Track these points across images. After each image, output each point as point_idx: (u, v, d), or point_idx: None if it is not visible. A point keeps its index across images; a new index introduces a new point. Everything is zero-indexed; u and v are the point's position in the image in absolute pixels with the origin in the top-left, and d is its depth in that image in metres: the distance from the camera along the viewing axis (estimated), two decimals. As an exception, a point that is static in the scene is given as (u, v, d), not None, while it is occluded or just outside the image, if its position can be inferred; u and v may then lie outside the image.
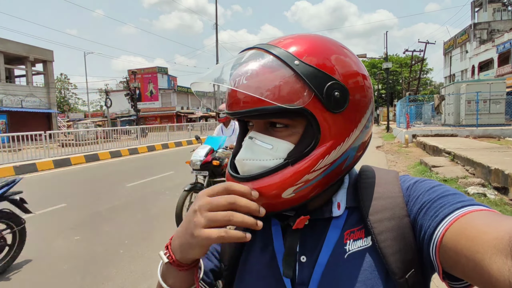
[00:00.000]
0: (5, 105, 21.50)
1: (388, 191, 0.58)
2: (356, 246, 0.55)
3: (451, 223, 0.46)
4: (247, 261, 0.62)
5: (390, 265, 0.52)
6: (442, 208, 0.49)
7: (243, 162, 0.55)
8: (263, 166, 0.54)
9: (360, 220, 0.57)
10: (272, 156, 0.54)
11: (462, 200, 0.49)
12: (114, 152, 13.45)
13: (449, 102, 16.38)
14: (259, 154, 0.54)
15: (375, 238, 0.54)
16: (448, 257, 0.45)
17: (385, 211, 0.55)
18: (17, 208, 3.40)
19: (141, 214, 5.02)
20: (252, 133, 0.56)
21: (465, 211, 0.47)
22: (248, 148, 0.55)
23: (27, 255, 3.58)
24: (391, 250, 0.52)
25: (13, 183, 3.35)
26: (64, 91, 52.54)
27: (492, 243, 0.39)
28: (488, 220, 0.43)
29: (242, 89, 0.52)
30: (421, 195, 0.54)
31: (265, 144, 0.54)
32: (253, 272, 0.60)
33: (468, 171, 6.57)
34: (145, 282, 2.94)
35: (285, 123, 0.54)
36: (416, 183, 0.58)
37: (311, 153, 0.52)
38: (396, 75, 43.81)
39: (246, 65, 0.53)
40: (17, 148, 11.00)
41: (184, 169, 9.34)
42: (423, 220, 0.51)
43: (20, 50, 22.91)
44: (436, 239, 0.47)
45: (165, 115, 41.19)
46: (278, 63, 0.52)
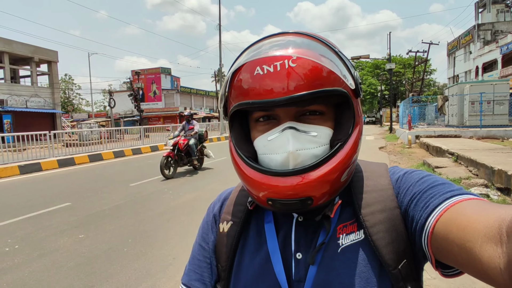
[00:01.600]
0: (10, 105, 21.66)
1: (378, 184, 0.59)
2: (349, 240, 0.55)
3: (441, 213, 0.47)
4: (242, 262, 0.62)
5: (383, 256, 0.52)
6: (433, 199, 0.50)
7: (297, 153, 0.52)
8: (315, 154, 0.53)
9: (352, 214, 0.58)
10: (318, 144, 0.53)
11: (451, 190, 0.50)
12: (117, 152, 13.52)
13: (452, 103, 16.30)
14: (306, 143, 0.53)
15: (368, 231, 0.54)
16: (440, 246, 0.46)
17: (376, 204, 0.56)
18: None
19: (145, 213, 5.06)
20: (291, 123, 0.53)
21: (455, 201, 0.47)
22: (296, 138, 0.52)
23: (33, 252, 3.62)
24: (384, 242, 0.53)
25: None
26: (68, 91, 52.85)
27: (482, 232, 0.40)
28: (478, 209, 0.44)
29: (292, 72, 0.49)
30: (411, 186, 0.55)
31: (309, 133, 0.53)
32: (249, 272, 0.60)
33: (471, 172, 6.55)
34: (149, 279, 2.97)
35: (321, 109, 0.54)
36: (406, 174, 0.59)
37: (352, 133, 0.54)
38: (399, 76, 43.65)
39: (288, 48, 0.50)
40: (22, 148, 11.09)
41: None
42: (414, 211, 0.52)
43: (25, 51, 23.09)
44: (427, 230, 0.48)
45: (168, 116, 41.30)
46: (324, 49, 0.52)
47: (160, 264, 3.28)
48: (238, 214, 0.64)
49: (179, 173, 8.53)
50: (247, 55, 0.54)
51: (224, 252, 0.63)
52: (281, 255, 0.58)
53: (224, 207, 0.68)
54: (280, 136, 0.53)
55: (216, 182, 7.14)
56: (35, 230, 4.35)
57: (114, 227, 4.42)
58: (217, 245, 0.65)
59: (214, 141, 20.76)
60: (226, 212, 0.67)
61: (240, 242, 0.63)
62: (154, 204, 5.59)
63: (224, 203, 0.70)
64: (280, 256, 0.57)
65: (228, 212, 0.66)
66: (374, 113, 52.76)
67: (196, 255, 0.68)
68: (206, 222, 0.71)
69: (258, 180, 0.53)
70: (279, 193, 0.52)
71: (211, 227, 0.68)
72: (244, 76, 0.53)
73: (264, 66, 0.50)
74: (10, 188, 7.63)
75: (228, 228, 0.64)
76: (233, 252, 0.62)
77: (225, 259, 0.63)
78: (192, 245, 0.71)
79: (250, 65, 0.52)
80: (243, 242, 0.63)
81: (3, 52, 21.73)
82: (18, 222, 4.76)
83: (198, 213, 4.83)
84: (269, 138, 0.54)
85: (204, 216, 0.72)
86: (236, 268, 0.62)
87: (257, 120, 0.57)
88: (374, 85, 46.13)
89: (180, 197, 5.98)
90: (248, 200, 0.64)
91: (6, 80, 22.67)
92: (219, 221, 0.67)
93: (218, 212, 0.69)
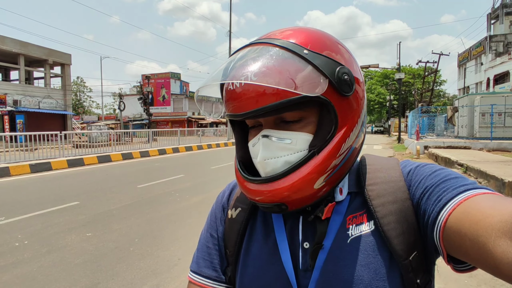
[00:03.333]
0: (23, 106, 22.15)
1: (389, 176, 0.59)
2: (358, 231, 0.55)
3: (454, 207, 0.46)
4: (249, 249, 0.63)
5: (394, 247, 0.52)
6: (445, 192, 0.49)
7: (266, 162, 0.53)
8: (287, 161, 0.53)
9: (362, 205, 0.58)
10: (292, 150, 0.53)
11: (464, 184, 0.49)
12: (126, 154, 13.67)
13: (462, 114, 16.13)
14: (279, 151, 0.53)
15: (379, 222, 0.54)
16: (452, 241, 0.45)
17: (388, 195, 0.56)
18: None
19: (151, 214, 5.10)
20: (266, 131, 0.54)
21: (469, 195, 0.46)
22: (266, 146, 0.53)
23: (42, 248, 3.69)
24: (395, 233, 0.53)
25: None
26: (80, 94, 53.79)
27: (496, 226, 0.39)
28: (492, 203, 0.43)
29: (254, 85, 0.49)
30: (423, 179, 0.54)
31: (283, 140, 0.53)
32: (256, 260, 0.61)
33: (481, 183, 6.46)
34: (154, 279, 2.99)
35: (297, 116, 0.53)
36: (418, 167, 0.58)
37: (333, 138, 0.53)
38: (408, 86, 43.37)
39: (251, 61, 0.50)
40: (33, 147, 11.31)
41: (194, 173, 9.45)
42: (427, 205, 0.51)
43: (40, 53, 23.66)
44: (439, 223, 0.47)
45: (176, 120, 41.67)
46: (288, 54, 0.50)
47: (166, 264, 3.31)
48: (246, 201, 0.65)
49: (186, 176, 8.58)
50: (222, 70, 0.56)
51: (232, 237, 0.65)
52: (289, 245, 0.58)
53: (233, 195, 0.71)
54: (257, 144, 0.55)
55: (222, 186, 7.09)
56: (44, 227, 4.43)
57: (121, 226, 4.47)
58: (226, 232, 0.67)
59: (221, 146, 20.85)
60: (235, 199, 0.69)
61: (247, 229, 0.64)
62: (161, 205, 5.63)
63: (233, 191, 0.72)
64: (288, 245, 0.58)
65: (237, 199, 0.68)
66: (382, 122, 52.41)
67: (206, 242, 0.69)
68: (214, 210, 0.72)
69: (240, 183, 0.59)
70: (256, 198, 0.55)
71: (220, 215, 0.70)
72: (224, 89, 0.55)
73: (235, 80, 0.51)
74: (21, 185, 7.77)
75: (236, 214, 0.66)
76: (240, 238, 0.64)
77: (233, 244, 0.64)
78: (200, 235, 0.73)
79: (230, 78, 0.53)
80: (250, 229, 0.64)
81: (18, 54, 22.30)
82: (28, 218, 4.84)
83: (204, 216, 4.83)
84: (250, 144, 0.58)
85: (213, 205, 0.74)
86: (243, 254, 0.63)
87: (250, 127, 0.59)
88: (383, 94, 45.92)
89: (187, 200, 6.02)
90: None
91: (20, 81, 23.21)
92: (228, 208, 0.69)
93: (227, 200, 0.71)
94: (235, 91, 0.51)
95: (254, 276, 0.60)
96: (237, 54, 0.54)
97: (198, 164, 12.04)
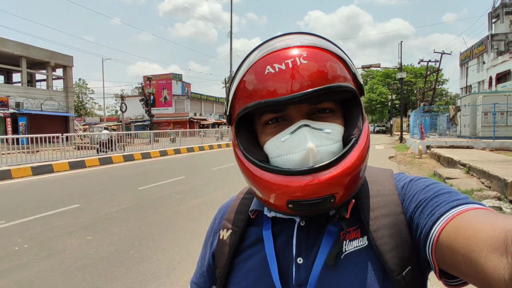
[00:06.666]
0: (25, 108, 22.24)
1: (382, 189, 0.58)
2: (352, 246, 0.55)
3: (446, 222, 0.46)
4: (240, 269, 0.62)
5: (387, 262, 0.51)
6: (438, 207, 0.49)
7: (317, 149, 0.51)
8: (331, 151, 0.52)
9: (356, 220, 0.56)
10: (332, 140, 0.53)
11: (457, 199, 0.49)
12: (127, 155, 13.69)
13: (465, 113, 16.05)
14: (324, 139, 0.52)
15: (371, 236, 0.53)
16: (445, 256, 0.45)
17: (380, 209, 0.55)
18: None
19: (151, 217, 5.09)
20: (304, 121, 0.53)
21: (461, 210, 0.47)
22: (313, 134, 0.52)
23: (41, 252, 3.68)
24: (388, 247, 0.52)
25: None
26: (82, 95, 53.99)
27: (487, 242, 0.39)
28: (484, 218, 0.43)
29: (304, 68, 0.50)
30: (416, 194, 0.54)
31: (323, 130, 0.53)
32: (247, 279, 0.60)
33: (483, 183, 6.40)
34: (154, 283, 2.97)
35: (331, 107, 0.55)
36: (411, 181, 0.58)
37: (363, 131, 0.55)
38: (410, 86, 43.29)
39: (298, 46, 0.51)
40: (35, 150, 11.34)
41: (195, 175, 9.44)
42: (419, 219, 0.51)
43: (42, 56, 23.76)
44: (432, 238, 0.47)
45: (178, 121, 41.74)
46: (332, 47, 0.54)
47: (165, 268, 3.29)
48: (238, 223, 0.65)
49: (187, 178, 8.57)
50: (256, 55, 0.54)
51: (222, 258, 0.64)
52: (282, 260, 0.57)
53: (224, 216, 0.70)
54: (295, 135, 0.52)
55: (223, 188, 7.13)
56: (44, 230, 4.42)
57: (121, 229, 4.46)
58: (217, 253, 0.66)
59: (223, 147, 20.85)
60: (227, 219, 0.68)
61: (238, 250, 0.64)
62: (161, 208, 5.62)
63: (224, 213, 0.71)
64: (276, 262, 0.57)
65: (229, 219, 0.67)
66: (384, 122, 52.29)
67: (200, 258, 0.73)
68: (210, 228, 0.73)
69: (277, 183, 0.51)
70: (302, 193, 0.50)
71: (211, 240, 0.71)
72: (254, 77, 0.52)
73: (275, 64, 0.50)
74: (22, 188, 7.79)
75: (227, 236, 0.65)
76: (229, 260, 0.63)
77: (222, 265, 0.63)
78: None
79: (260, 65, 0.52)
80: (241, 250, 0.64)
81: (20, 57, 22.40)
82: (28, 222, 4.84)
83: (204, 219, 4.83)
84: (283, 138, 0.53)
85: (208, 229, 0.74)
86: (234, 275, 0.62)
87: (266, 123, 0.55)
88: (385, 94, 45.82)
89: (187, 202, 6.00)
90: (249, 209, 0.65)
91: (22, 84, 23.32)
92: (220, 229, 0.69)
93: (219, 224, 0.71)
94: (285, 72, 0.50)
95: None
96: (275, 39, 0.55)
97: (199, 165, 12.04)
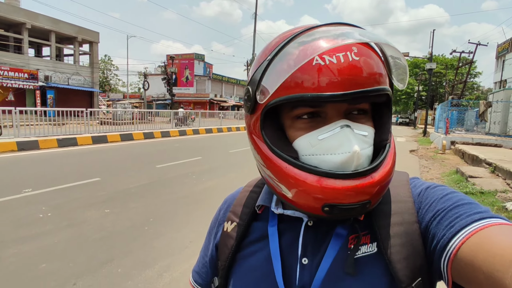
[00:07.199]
0: (53, 82, 23.00)
1: (397, 195, 0.56)
2: (360, 252, 0.53)
3: (468, 236, 0.43)
4: (243, 263, 0.61)
5: (397, 272, 0.49)
6: (459, 219, 0.46)
7: (361, 153, 0.48)
8: (368, 155, 0.50)
9: (366, 225, 0.54)
10: (368, 144, 0.51)
11: (479, 211, 0.46)
12: (147, 133, 14.01)
13: (496, 109, 15.22)
14: (363, 143, 0.49)
15: (382, 244, 0.51)
16: (463, 271, 0.43)
17: (394, 216, 0.53)
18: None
19: (167, 195, 5.22)
20: (345, 121, 0.49)
21: (484, 224, 0.44)
22: (355, 137, 0.48)
23: (62, 221, 3.87)
24: (399, 257, 0.50)
25: None
26: (107, 71, 55.15)
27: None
28: (510, 236, 0.41)
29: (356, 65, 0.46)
30: (434, 203, 0.52)
31: (362, 132, 0.50)
32: (249, 274, 0.60)
33: (509, 185, 6.12)
34: (166, 259, 3.07)
35: (366, 108, 0.53)
36: (428, 189, 0.55)
37: (391, 135, 0.55)
38: (440, 77, 41.34)
39: (350, 39, 0.46)
40: (62, 123, 11.79)
41: (212, 156, 9.56)
42: (436, 229, 0.48)
43: (70, 31, 24.30)
44: (450, 251, 0.45)
45: (198, 101, 42.06)
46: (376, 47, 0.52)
47: (178, 245, 3.39)
48: (243, 216, 0.64)
49: (204, 159, 8.70)
50: (300, 41, 0.48)
51: (225, 251, 0.64)
52: (286, 260, 0.57)
53: (229, 209, 0.69)
54: (336, 135, 0.48)
55: (238, 172, 7.20)
56: (66, 201, 4.64)
57: (138, 205, 4.61)
58: (220, 244, 0.66)
59: (241, 130, 20.91)
60: (232, 212, 0.67)
61: (242, 244, 0.63)
62: (177, 187, 5.75)
63: (229, 205, 0.70)
64: (280, 260, 0.56)
65: (234, 212, 0.66)
66: (408, 114, 50.60)
67: (203, 248, 0.73)
68: (214, 219, 0.73)
69: (317, 185, 0.47)
70: (343, 198, 0.47)
71: (215, 231, 0.70)
72: (306, 65, 0.46)
73: (325, 56, 0.45)
74: (48, 159, 8.17)
75: (231, 228, 0.64)
76: (233, 253, 0.62)
77: (225, 258, 0.63)
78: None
79: (306, 54, 0.46)
80: (245, 246, 0.63)
81: (50, 31, 23.00)
82: (52, 191, 5.09)
83: (217, 200, 4.83)
84: (321, 137, 0.49)
85: (212, 219, 0.73)
86: (237, 267, 0.62)
87: (298, 117, 0.51)
88: (411, 84, 44.09)
89: (202, 183, 6.10)
90: (256, 204, 0.64)
91: (51, 58, 24.04)
92: (224, 222, 0.68)
93: (224, 216, 0.70)
94: (337, 66, 0.45)
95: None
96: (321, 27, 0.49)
97: (216, 147, 12.16)
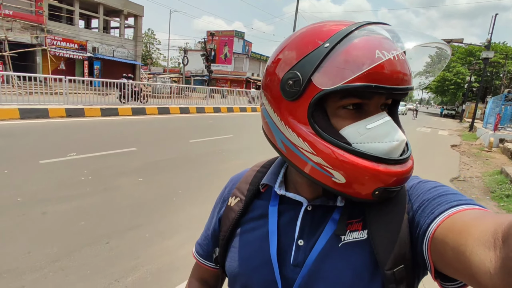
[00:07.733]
0: (100, 53, 24.17)
1: None
2: (351, 237, 0.56)
3: (443, 219, 0.47)
4: (242, 236, 0.66)
5: (380, 255, 0.53)
6: (439, 206, 0.50)
7: (403, 142, 0.55)
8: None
9: (360, 213, 0.58)
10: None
11: (459, 199, 0.50)
12: (183, 108, 14.42)
13: (558, 107, 13.70)
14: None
15: (371, 231, 0.55)
16: (438, 251, 0.46)
17: (387, 206, 0.56)
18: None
19: (196, 169, 5.43)
20: (385, 113, 0.54)
21: (460, 209, 0.48)
22: (397, 128, 0.55)
23: (100, 185, 4.20)
24: (384, 243, 0.53)
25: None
26: (149, 45, 56.70)
27: (476, 235, 0.40)
28: (478, 215, 0.44)
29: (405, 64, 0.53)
30: (421, 194, 0.56)
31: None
32: (246, 247, 0.64)
33: (559, 191, 5.60)
34: (185, 232, 3.22)
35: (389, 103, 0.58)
36: (420, 183, 0.59)
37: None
38: (497, 68, 37.63)
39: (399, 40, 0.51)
40: (106, 93, 12.48)
41: (243, 135, 9.68)
42: (420, 217, 0.52)
43: (117, 3, 25.09)
44: (428, 235, 0.48)
45: (235, 79, 42.15)
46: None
47: (198, 221, 3.54)
48: (247, 193, 0.69)
49: (235, 137, 8.84)
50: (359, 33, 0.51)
51: (226, 223, 0.69)
52: (283, 239, 0.61)
53: (235, 185, 0.75)
54: (384, 124, 0.53)
55: (266, 154, 7.21)
56: (105, 167, 5.01)
57: (168, 177, 4.86)
58: (223, 217, 0.72)
59: (274, 111, 20.78)
60: (237, 188, 0.73)
61: (242, 220, 0.68)
62: (206, 163, 5.95)
63: (235, 183, 0.76)
64: (277, 238, 0.61)
65: (239, 188, 0.72)
66: (455, 106, 47.13)
67: (207, 222, 0.78)
68: (220, 196, 0.78)
69: (375, 169, 0.50)
70: (395, 181, 0.52)
71: (220, 206, 0.76)
72: (362, 56, 0.48)
73: (384, 51, 0.48)
74: (92, 126, 8.76)
75: (235, 203, 0.70)
76: (233, 225, 0.67)
77: (226, 229, 0.68)
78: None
79: (368, 45, 0.49)
80: (245, 222, 0.67)
81: (99, 4, 23.91)
82: (93, 157, 5.50)
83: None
84: (369, 126, 0.52)
85: (218, 196, 0.79)
86: (235, 240, 0.67)
87: (343, 107, 0.53)
88: (463, 74, 40.72)
89: (231, 161, 6.24)
90: (261, 183, 0.68)
91: (99, 30, 25.13)
92: (230, 196, 0.73)
93: (229, 193, 0.75)
94: (395, 61, 0.51)
95: (243, 260, 0.64)
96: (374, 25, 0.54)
97: (248, 126, 12.26)
